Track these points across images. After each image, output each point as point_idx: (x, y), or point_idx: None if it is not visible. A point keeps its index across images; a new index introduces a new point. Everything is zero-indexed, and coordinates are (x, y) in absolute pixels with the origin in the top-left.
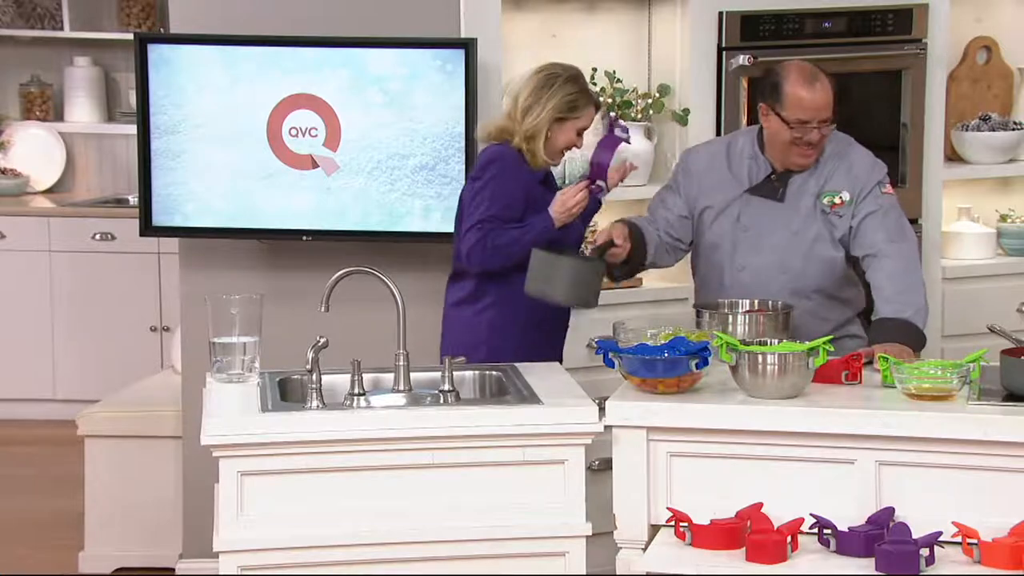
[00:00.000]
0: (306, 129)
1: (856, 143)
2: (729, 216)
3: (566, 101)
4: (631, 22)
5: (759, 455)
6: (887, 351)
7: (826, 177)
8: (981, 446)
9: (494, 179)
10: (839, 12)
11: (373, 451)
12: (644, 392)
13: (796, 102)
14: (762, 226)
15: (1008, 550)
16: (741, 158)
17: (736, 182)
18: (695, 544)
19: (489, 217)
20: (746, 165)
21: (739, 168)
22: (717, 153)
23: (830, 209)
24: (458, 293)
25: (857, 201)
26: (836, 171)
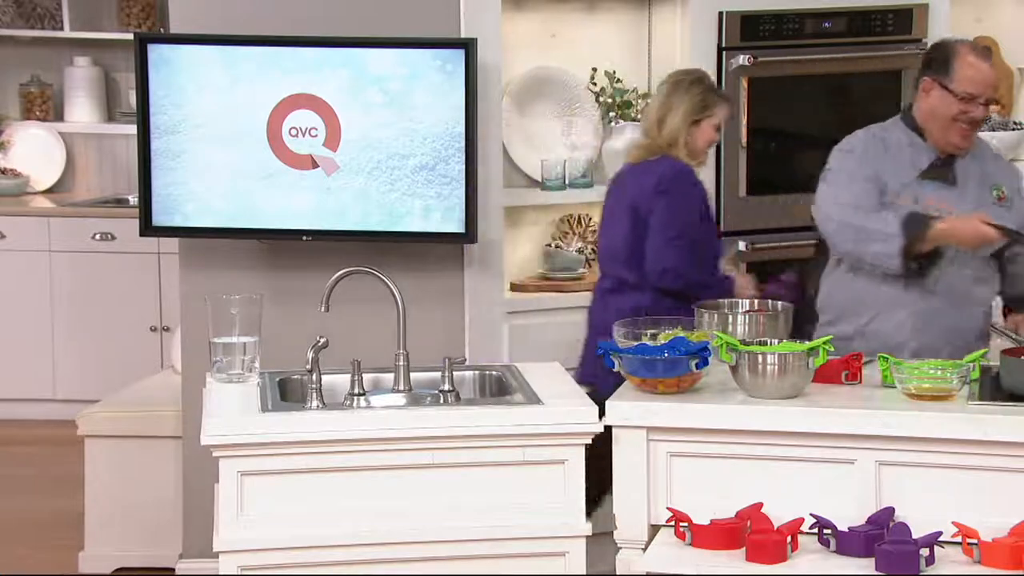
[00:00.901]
0: (306, 129)
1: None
2: (907, 200)
3: (696, 103)
4: (631, 22)
5: (759, 455)
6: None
7: (987, 167)
8: (981, 446)
9: (682, 194)
10: (839, 12)
11: (373, 451)
12: (644, 392)
13: (967, 76)
14: (942, 210)
15: (1008, 550)
16: (900, 147)
17: (901, 169)
18: (695, 544)
19: (681, 234)
20: (906, 153)
21: (900, 156)
22: (876, 146)
23: (998, 202)
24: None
25: (1014, 197)
26: (992, 162)
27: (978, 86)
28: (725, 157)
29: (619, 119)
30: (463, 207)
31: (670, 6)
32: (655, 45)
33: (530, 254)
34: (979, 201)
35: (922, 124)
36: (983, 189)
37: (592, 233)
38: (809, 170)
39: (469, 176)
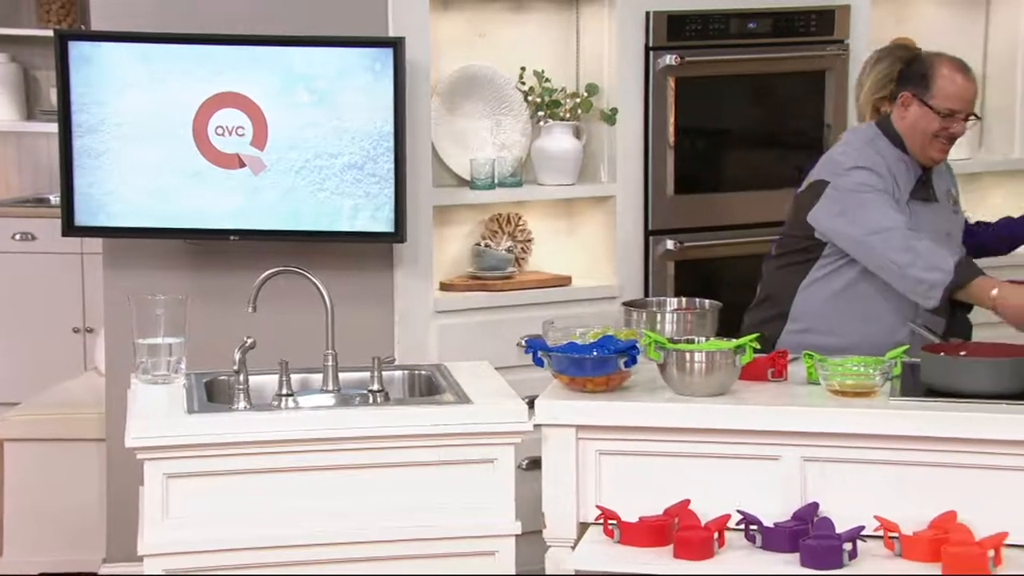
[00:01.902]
0: (233, 128)
1: None
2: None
3: (879, 79)
4: (559, 21)
5: (687, 452)
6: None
7: (941, 174)
8: (902, 441)
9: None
10: (764, 13)
11: (301, 452)
12: (573, 391)
13: (949, 91)
14: (926, 230)
15: (927, 543)
16: (893, 162)
17: (901, 188)
18: (623, 542)
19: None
20: (900, 169)
21: (897, 173)
22: (880, 159)
23: (954, 206)
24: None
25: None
26: (945, 169)
27: (959, 102)
28: (653, 156)
29: (548, 118)
30: (392, 206)
31: (597, 6)
32: (583, 44)
33: (459, 253)
34: (949, 215)
35: (905, 135)
36: (948, 200)
37: (521, 232)
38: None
39: (398, 175)
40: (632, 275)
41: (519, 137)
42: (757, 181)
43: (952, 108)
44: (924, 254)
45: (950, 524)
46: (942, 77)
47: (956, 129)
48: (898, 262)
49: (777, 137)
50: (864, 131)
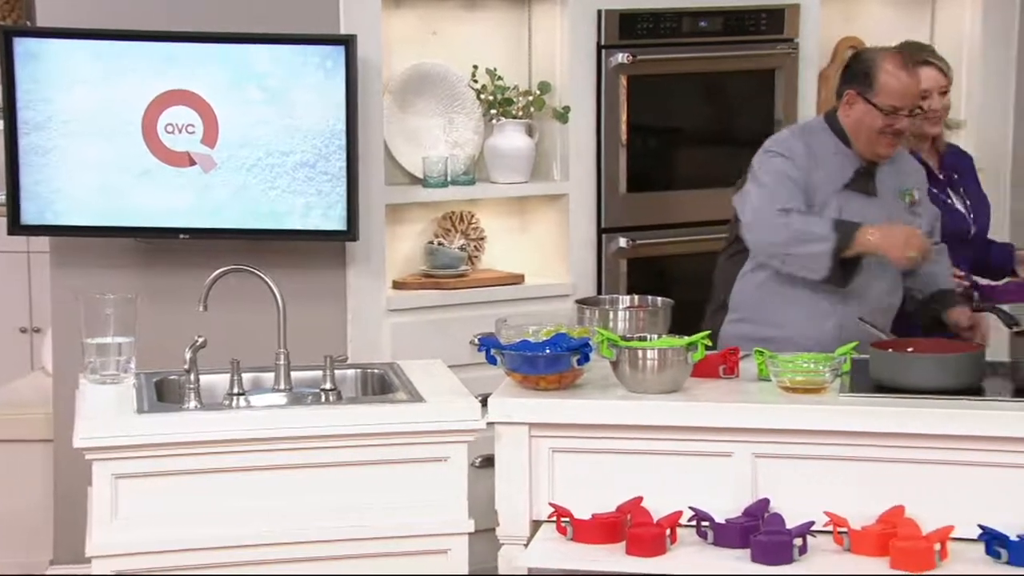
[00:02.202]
0: (183, 126)
1: None
2: (831, 211)
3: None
4: (511, 20)
5: (639, 449)
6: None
7: (897, 170)
8: (851, 437)
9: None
10: (714, 12)
11: (253, 451)
12: (526, 388)
13: (890, 88)
14: (862, 222)
15: (876, 538)
16: (827, 155)
17: (827, 176)
18: (576, 539)
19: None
20: (832, 160)
21: (827, 163)
22: (802, 150)
23: (910, 207)
24: None
25: (923, 198)
26: (904, 165)
27: (902, 98)
28: (605, 154)
29: (500, 116)
30: (344, 204)
31: (549, 4)
32: (535, 43)
33: (412, 252)
34: (892, 210)
35: (851, 132)
36: (895, 197)
37: (474, 231)
38: (687, 167)
39: (350, 173)
40: (585, 273)
41: (472, 135)
42: (709, 179)
43: (895, 105)
44: (799, 228)
45: (898, 519)
46: (884, 74)
47: (901, 125)
48: (775, 242)
49: (728, 135)
50: (810, 122)
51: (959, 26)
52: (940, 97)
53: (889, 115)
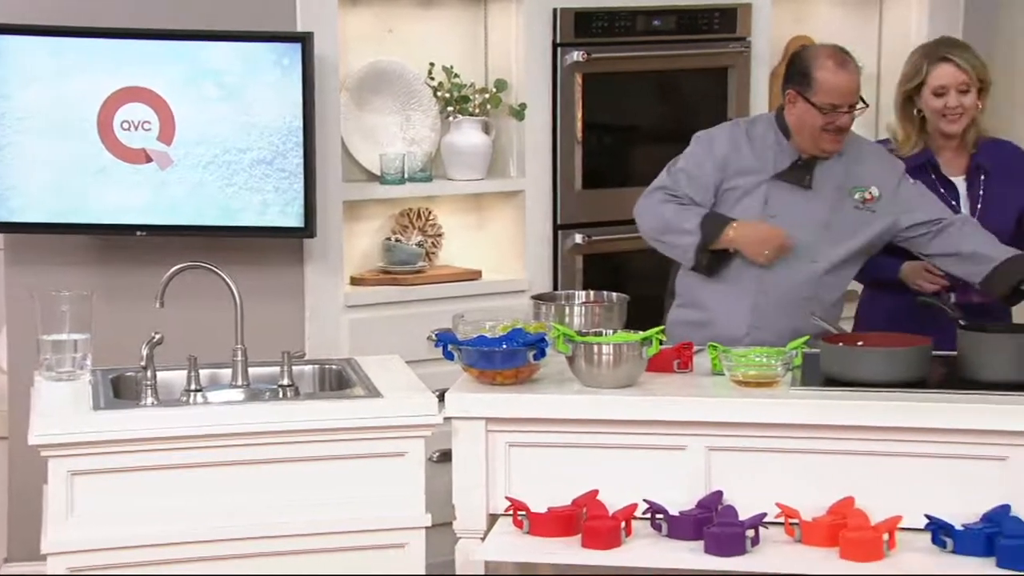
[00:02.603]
0: (139, 123)
1: (865, 138)
2: (756, 199)
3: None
4: (467, 18)
5: (595, 443)
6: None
7: (849, 166)
8: (802, 430)
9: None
10: (668, 10)
11: (210, 447)
12: (483, 384)
13: (827, 87)
14: (791, 213)
15: (826, 528)
16: (764, 143)
17: (760, 166)
18: (532, 532)
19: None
20: (770, 150)
21: (763, 152)
22: (738, 136)
23: (863, 204)
24: None
25: (891, 195)
26: (859, 162)
27: (839, 96)
28: (561, 151)
29: (457, 114)
30: (301, 201)
31: (505, 2)
32: (491, 41)
33: (369, 248)
34: (834, 205)
35: (793, 130)
36: (841, 193)
37: (431, 227)
38: (642, 164)
39: (307, 170)
40: (541, 269)
41: (428, 132)
42: None
43: (834, 103)
44: (670, 218)
45: (848, 510)
46: (821, 72)
47: (842, 121)
48: (651, 228)
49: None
50: (762, 114)
51: (906, 26)
52: (959, 95)
53: (828, 113)
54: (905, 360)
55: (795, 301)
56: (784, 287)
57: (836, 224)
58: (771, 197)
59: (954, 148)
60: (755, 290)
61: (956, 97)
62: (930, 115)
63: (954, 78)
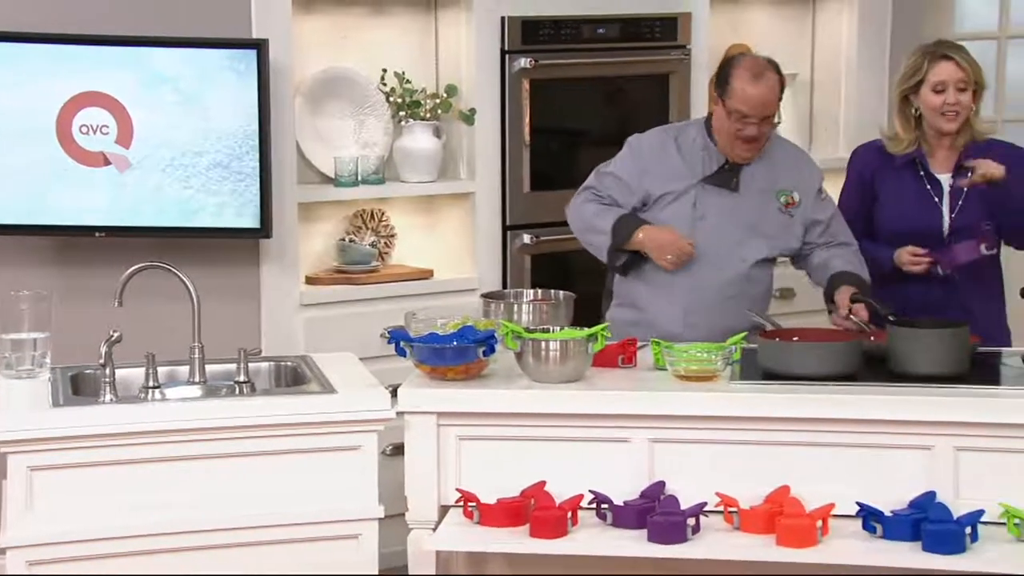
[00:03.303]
0: (97, 127)
1: (793, 143)
2: (685, 203)
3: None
4: (418, 25)
5: (543, 436)
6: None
7: (778, 173)
8: (741, 422)
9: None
10: (612, 19)
11: (168, 443)
12: (434, 379)
13: (739, 96)
14: (719, 215)
15: (763, 516)
16: (693, 148)
17: (689, 171)
18: (482, 522)
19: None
20: (699, 155)
21: (692, 157)
22: (667, 141)
23: (785, 208)
24: None
25: (809, 202)
26: (785, 167)
27: (749, 106)
28: (509, 155)
29: (409, 118)
30: (258, 203)
31: (455, 11)
32: (442, 48)
33: (324, 248)
34: (760, 209)
35: (715, 131)
36: (767, 196)
37: (384, 228)
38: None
39: (263, 173)
40: (491, 268)
41: (381, 136)
42: None
43: (742, 112)
44: (588, 219)
45: (784, 498)
46: (737, 81)
47: (749, 132)
48: (574, 227)
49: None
50: (691, 121)
51: (837, 34)
52: (957, 92)
53: (738, 120)
54: (838, 354)
55: (725, 299)
56: (715, 286)
57: (762, 225)
58: (700, 200)
59: (946, 148)
60: (687, 289)
61: (954, 94)
62: (928, 112)
63: (953, 75)
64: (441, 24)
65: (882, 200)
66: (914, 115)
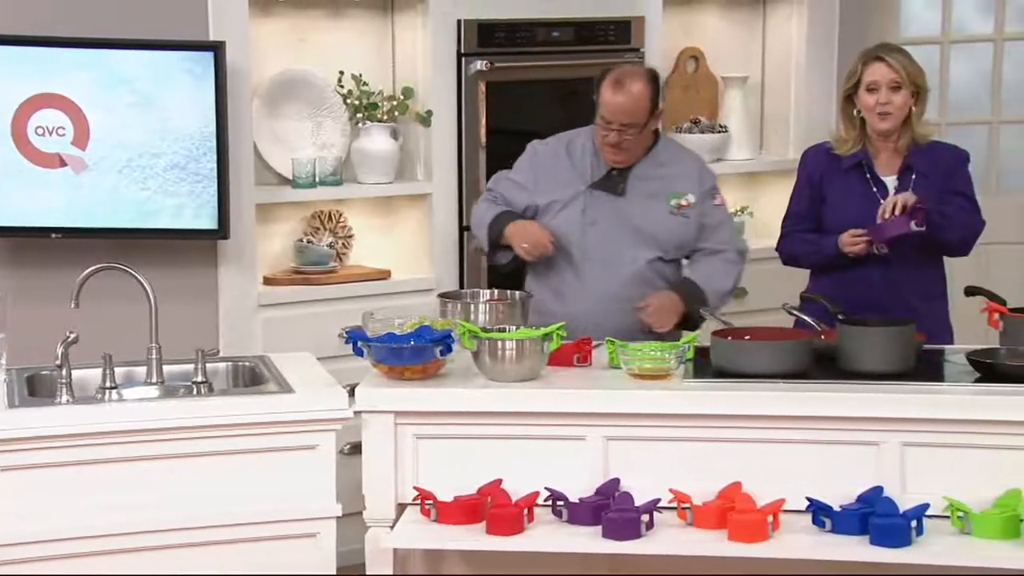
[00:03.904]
0: (53, 128)
1: (687, 148)
2: (575, 209)
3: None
4: (375, 28)
5: (499, 435)
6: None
7: (668, 177)
8: (694, 419)
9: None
10: (566, 22)
11: (125, 443)
12: (392, 379)
13: (603, 102)
14: (608, 220)
15: (715, 512)
16: (583, 154)
17: (579, 177)
18: (439, 520)
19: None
20: (588, 161)
21: (582, 164)
22: (560, 149)
23: (678, 210)
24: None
25: (701, 202)
26: (677, 171)
27: (610, 113)
28: (466, 156)
29: (366, 120)
30: (215, 204)
31: (411, 14)
32: (398, 50)
33: (282, 249)
34: (648, 212)
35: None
36: (655, 200)
37: (342, 229)
38: None
39: (221, 174)
40: (447, 268)
41: (339, 138)
42: None
43: (605, 118)
44: (478, 216)
45: (735, 494)
46: (603, 89)
47: (609, 138)
48: (472, 229)
49: None
50: (585, 128)
51: (786, 38)
52: (889, 92)
53: (604, 127)
54: (789, 353)
55: (622, 299)
56: (610, 288)
57: (651, 228)
58: (589, 206)
59: (890, 150)
60: (585, 293)
61: (887, 94)
62: (865, 113)
63: (885, 75)
64: (398, 27)
65: (830, 201)
66: (857, 116)
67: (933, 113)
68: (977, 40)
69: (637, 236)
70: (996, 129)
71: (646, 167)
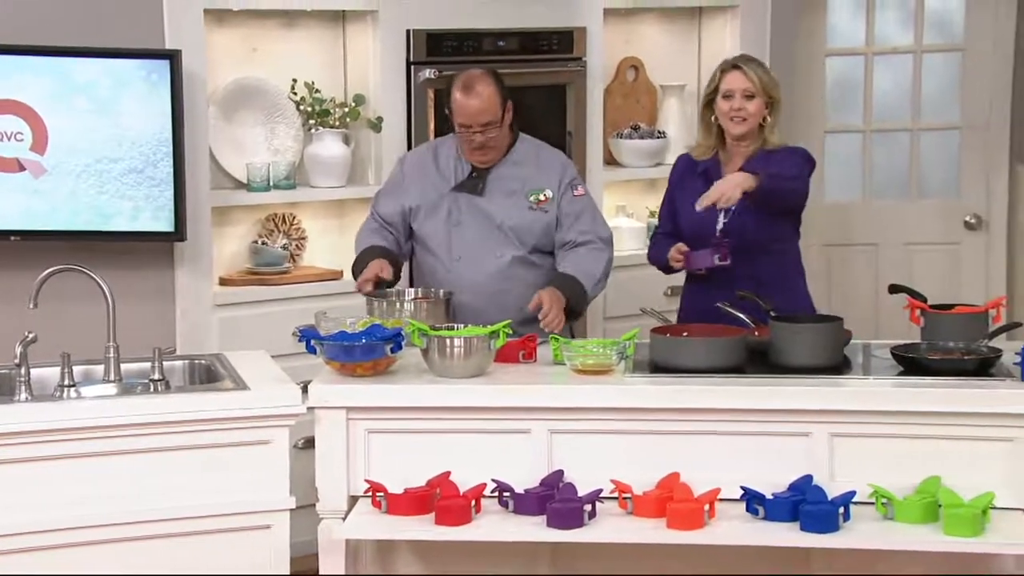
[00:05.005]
0: (11, 134)
1: (548, 145)
2: (441, 213)
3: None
4: (327, 37)
5: (447, 429)
6: (542, 296)
7: (526, 174)
8: (635, 413)
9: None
10: (512, 32)
11: (83, 439)
12: (344, 375)
13: (455, 108)
14: (471, 219)
15: (655, 502)
16: (448, 160)
17: (443, 182)
18: (390, 511)
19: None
20: (452, 166)
21: (446, 169)
22: (425, 156)
23: (536, 205)
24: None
25: (559, 197)
26: (535, 168)
27: (464, 117)
28: None
29: (318, 126)
30: (172, 207)
31: (362, 24)
32: (350, 59)
33: (238, 251)
34: (508, 209)
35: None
36: (516, 197)
37: (295, 231)
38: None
39: (177, 178)
40: None
41: (292, 143)
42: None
43: (461, 123)
44: (357, 241)
45: (674, 484)
46: (454, 95)
47: (475, 141)
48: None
49: None
50: (451, 135)
51: (721, 47)
52: (743, 99)
53: (464, 131)
54: (724, 349)
55: (491, 294)
56: (479, 284)
57: (512, 224)
58: (453, 208)
59: (741, 156)
60: (458, 288)
61: (740, 100)
62: (720, 118)
63: (740, 83)
64: (349, 36)
65: (678, 206)
66: (714, 123)
67: (857, 119)
68: (899, 52)
69: (500, 233)
70: (917, 136)
71: (504, 167)
